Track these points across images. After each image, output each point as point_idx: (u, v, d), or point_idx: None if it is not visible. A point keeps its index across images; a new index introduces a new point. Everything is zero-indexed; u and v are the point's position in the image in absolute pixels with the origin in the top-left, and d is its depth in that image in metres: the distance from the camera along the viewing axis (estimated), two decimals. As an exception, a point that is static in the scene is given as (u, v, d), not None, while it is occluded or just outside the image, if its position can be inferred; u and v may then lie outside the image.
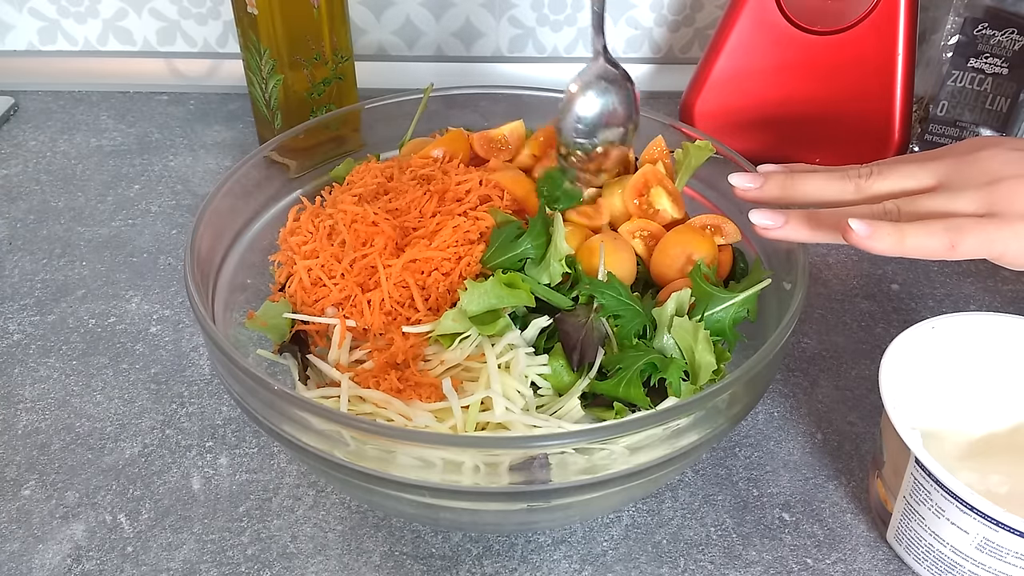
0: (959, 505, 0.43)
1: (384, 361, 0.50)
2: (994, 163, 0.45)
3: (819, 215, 0.47)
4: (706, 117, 0.80)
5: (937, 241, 0.43)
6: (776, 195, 0.49)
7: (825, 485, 0.54)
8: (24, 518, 0.51)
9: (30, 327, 0.64)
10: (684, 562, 0.49)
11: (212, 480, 0.53)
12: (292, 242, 0.55)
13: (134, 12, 0.94)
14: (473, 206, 0.55)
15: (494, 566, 0.49)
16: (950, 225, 0.43)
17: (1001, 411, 0.52)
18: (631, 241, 0.56)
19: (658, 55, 0.97)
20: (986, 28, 0.74)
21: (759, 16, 0.75)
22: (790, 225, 0.47)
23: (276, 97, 0.73)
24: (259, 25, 0.69)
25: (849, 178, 0.48)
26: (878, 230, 0.43)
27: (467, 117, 0.67)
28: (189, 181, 0.80)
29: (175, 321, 0.65)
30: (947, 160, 0.47)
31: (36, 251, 0.72)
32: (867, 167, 0.48)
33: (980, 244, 0.43)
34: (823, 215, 0.47)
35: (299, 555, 0.49)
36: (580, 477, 0.42)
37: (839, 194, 0.48)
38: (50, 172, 0.81)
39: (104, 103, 0.92)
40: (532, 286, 0.51)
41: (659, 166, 0.59)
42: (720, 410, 0.44)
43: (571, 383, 0.49)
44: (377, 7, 0.93)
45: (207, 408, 0.58)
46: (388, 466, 0.41)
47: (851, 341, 0.64)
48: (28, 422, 0.57)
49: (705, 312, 0.51)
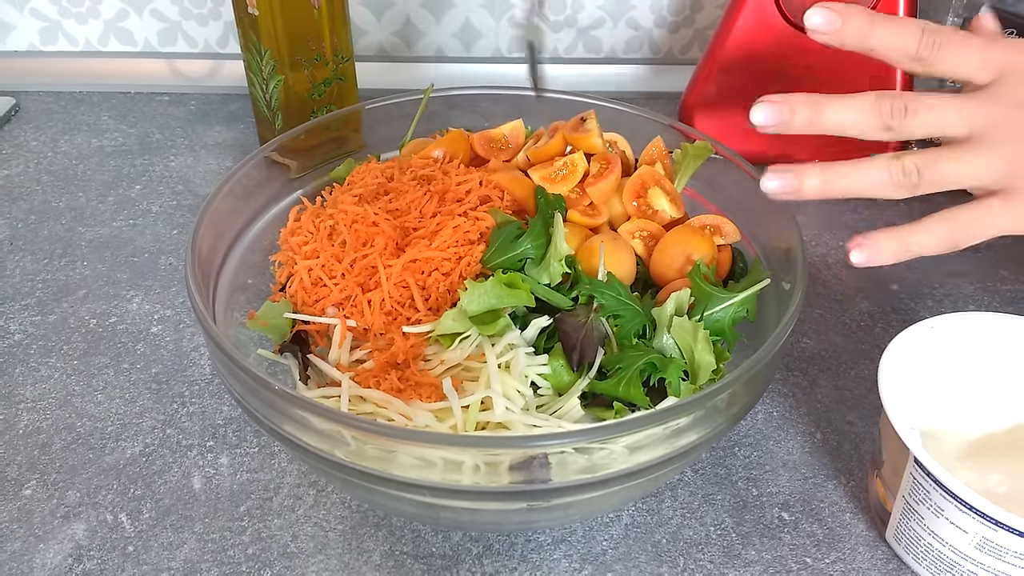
0: (958, 505, 0.43)
1: (384, 361, 0.50)
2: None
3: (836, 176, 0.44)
4: (705, 117, 0.80)
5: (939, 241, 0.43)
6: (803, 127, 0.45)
7: (824, 485, 0.54)
8: (25, 517, 0.51)
9: (31, 327, 0.64)
10: (684, 561, 0.49)
11: (213, 480, 0.53)
12: (293, 242, 0.56)
13: (135, 13, 0.94)
14: (473, 206, 0.55)
15: (494, 565, 0.49)
16: (954, 226, 0.43)
17: (1000, 411, 0.52)
18: (631, 241, 0.56)
19: (658, 56, 0.97)
20: (985, 29, 0.74)
21: (759, 16, 0.75)
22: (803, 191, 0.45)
23: (277, 98, 0.73)
24: (260, 26, 0.69)
25: (880, 113, 0.44)
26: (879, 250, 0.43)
27: (467, 117, 0.67)
28: (190, 181, 0.81)
29: (176, 321, 0.65)
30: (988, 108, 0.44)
31: (37, 251, 0.72)
32: (900, 100, 0.44)
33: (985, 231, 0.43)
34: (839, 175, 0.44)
35: (300, 554, 0.49)
36: (580, 477, 0.42)
37: (867, 131, 0.45)
38: (51, 172, 0.81)
39: (105, 103, 0.92)
40: (532, 286, 0.51)
41: (658, 167, 0.59)
42: (719, 410, 0.44)
43: (571, 383, 0.49)
44: (377, 8, 0.93)
45: (208, 408, 0.58)
46: (388, 466, 0.42)
47: (850, 341, 0.64)
48: (29, 422, 0.57)
49: (704, 312, 0.51)
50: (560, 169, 0.57)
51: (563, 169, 0.57)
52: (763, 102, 0.44)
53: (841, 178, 0.44)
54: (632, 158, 0.62)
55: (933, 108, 0.44)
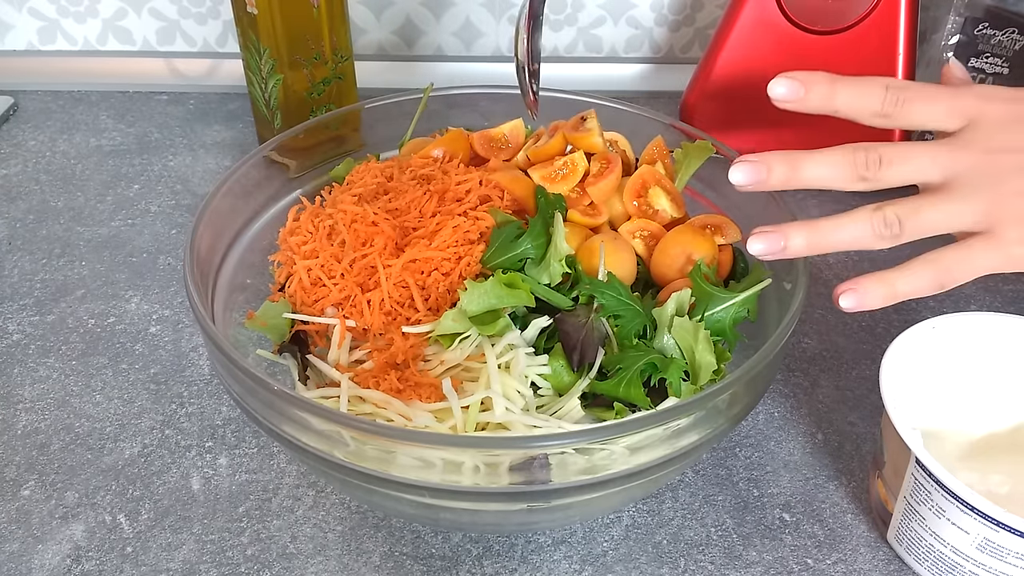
0: (960, 505, 0.43)
1: (384, 361, 0.50)
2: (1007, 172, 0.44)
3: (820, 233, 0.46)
4: (706, 117, 0.80)
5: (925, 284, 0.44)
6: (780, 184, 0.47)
7: (826, 485, 0.54)
8: (23, 518, 0.51)
9: (29, 327, 0.64)
10: (684, 562, 0.49)
11: (212, 480, 0.53)
12: (292, 242, 0.55)
13: (134, 12, 0.94)
14: (473, 206, 0.55)
15: (494, 566, 0.49)
16: (939, 268, 0.44)
17: (1002, 411, 0.52)
18: (631, 241, 0.56)
19: (658, 55, 0.97)
20: (987, 28, 0.74)
21: (759, 16, 0.75)
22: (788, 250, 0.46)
23: (276, 97, 0.73)
24: (259, 25, 0.69)
25: (855, 165, 0.45)
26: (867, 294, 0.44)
27: (467, 117, 0.66)
28: (189, 181, 0.80)
29: (175, 321, 0.65)
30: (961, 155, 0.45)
31: (35, 251, 0.72)
32: (875, 152, 0.45)
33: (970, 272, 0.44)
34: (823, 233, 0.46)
35: (299, 555, 0.49)
36: (580, 477, 0.42)
37: (843, 183, 0.46)
38: (49, 172, 0.81)
39: (104, 103, 0.92)
40: (532, 286, 0.51)
41: (658, 166, 0.59)
42: (720, 410, 0.44)
43: (571, 383, 0.49)
44: (377, 7, 0.93)
45: (207, 408, 0.58)
46: (388, 466, 0.41)
47: (852, 341, 0.64)
48: (27, 422, 0.57)
49: (705, 312, 0.51)
50: (560, 169, 0.57)
51: (563, 169, 0.57)
52: (741, 162, 0.46)
53: (826, 234, 0.45)
54: (632, 157, 0.62)
55: (907, 159, 0.45)
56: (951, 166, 0.45)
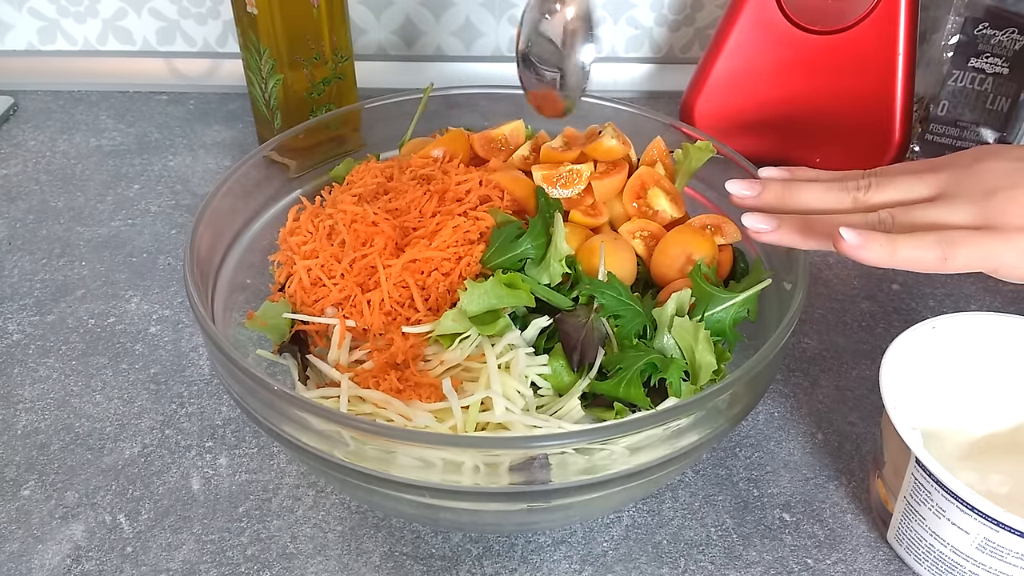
0: (960, 505, 0.43)
1: (384, 361, 0.50)
2: (993, 174, 0.45)
3: (812, 223, 0.47)
4: (706, 117, 0.80)
5: (930, 253, 0.43)
6: (773, 204, 0.49)
7: (826, 485, 0.54)
8: (23, 518, 0.51)
9: (29, 327, 0.64)
10: (684, 562, 0.49)
11: (212, 480, 0.53)
12: (292, 242, 0.55)
13: (133, 12, 0.94)
14: (473, 206, 0.55)
15: (494, 566, 0.49)
16: (943, 238, 0.43)
17: (1002, 411, 0.52)
18: (631, 241, 0.56)
19: (658, 55, 0.97)
20: (987, 28, 0.74)
21: (759, 16, 0.75)
22: (782, 230, 0.47)
23: (276, 97, 0.73)
24: (259, 25, 0.69)
25: (847, 189, 0.48)
26: (869, 240, 0.43)
27: (467, 117, 0.66)
28: (189, 181, 0.80)
29: (175, 321, 0.65)
30: (946, 171, 0.46)
31: (35, 251, 0.72)
32: (865, 178, 0.48)
33: (974, 257, 0.43)
34: (816, 223, 0.46)
35: (299, 555, 0.49)
36: (580, 477, 0.42)
37: (836, 204, 0.48)
38: (49, 172, 0.81)
39: (104, 103, 0.92)
40: (532, 286, 0.51)
41: (659, 166, 0.59)
42: (720, 410, 0.44)
43: (571, 383, 0.49)
44: (377, 7, 0.93)
45: (207, 408, 0.58)
46: (388, 466, 0.41)
47: (852, 341, 0.64)
48: (27, 422, 0.57)
49: (705, 312, 0.51)
50: (563, 175, 0.57)
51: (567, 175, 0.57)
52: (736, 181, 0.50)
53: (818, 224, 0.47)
54: (633, 158, 0.62)
55: (897, 183, 0.47)
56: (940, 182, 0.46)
